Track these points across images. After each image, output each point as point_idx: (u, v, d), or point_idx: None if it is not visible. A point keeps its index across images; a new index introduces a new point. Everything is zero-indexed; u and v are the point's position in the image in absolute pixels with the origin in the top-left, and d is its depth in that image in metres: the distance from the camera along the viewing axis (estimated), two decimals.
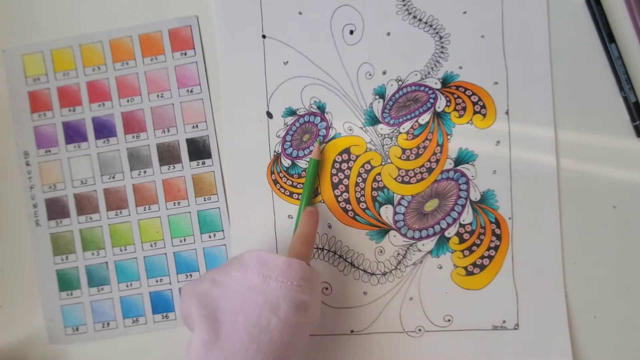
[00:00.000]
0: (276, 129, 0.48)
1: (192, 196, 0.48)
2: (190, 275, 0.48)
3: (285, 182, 0.47)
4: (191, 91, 0.49)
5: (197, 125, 0.48)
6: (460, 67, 0.47)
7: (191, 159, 0.48)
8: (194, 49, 0.49)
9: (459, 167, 0.46)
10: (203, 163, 0.48)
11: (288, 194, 0.47)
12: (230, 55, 0.48)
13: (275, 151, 0.48)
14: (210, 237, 0.48)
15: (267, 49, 0.48)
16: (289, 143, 0.48)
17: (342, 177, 0.47)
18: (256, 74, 0.48)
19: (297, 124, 0.48)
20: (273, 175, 0.48)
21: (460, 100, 0.46)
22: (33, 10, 0.50)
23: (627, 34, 0.45)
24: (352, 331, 0.46)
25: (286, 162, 0.48)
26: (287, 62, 0.48)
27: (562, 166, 0.46)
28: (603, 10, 0.45)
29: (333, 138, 0.47)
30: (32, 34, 0.50)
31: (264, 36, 0.48)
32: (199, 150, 0.48)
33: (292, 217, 0.47)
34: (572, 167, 0.46)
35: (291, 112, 0.48)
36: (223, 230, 0.48)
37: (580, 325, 0.45)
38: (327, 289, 0.47)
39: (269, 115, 0.48)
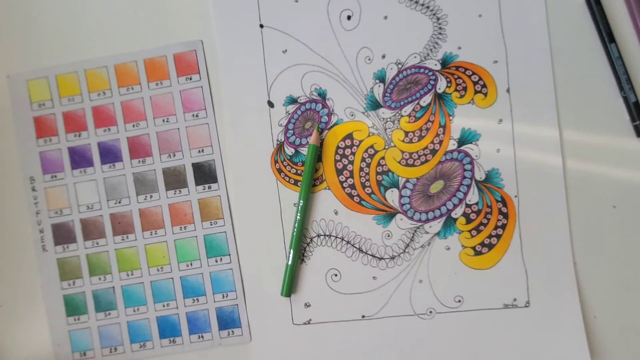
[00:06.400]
0: (278, 117, 0.48)
1: (198, 220, 0.48)
2: (197, 299, 0.48)
3: (289, 171, 0.47)
4: (196, 115, 0.48)
5: (202, 150, 0.48)
6: (459, 48, 0.46)
7: (197, 183, 0.48)
8: (199, 73, 0.48)
9: (462, 148, 0.46)
10: (209, 187, 0.48)
11: (293, 182, 0.47)
12: (228, 46, 0.48)
13: (278, 140, 0.48)
14: (216, 261, 0.48)
15: (265, 38, 0.48)
16: (291, 131, 0.48)
17: (346, 162, 0.47)
18: (256, 64, 0.48)
19: (299, 112, 0.48)
20: (277, 164, 0.47)
21: (461, 81, 0.46)
22: (37, 36, 0.49)
23: (627, 34, 0.45)
24: (363, 316, 0.46)
25: (289, 151, 0.47)
26: (285, 50, 0.48)
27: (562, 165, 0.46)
28: (603, 10, 0.45)
29: (335, 124, 0.47)
30: (36, 60, 0.49)
31: (261, 25, 0.48)
32: (204, 174, 0.48)
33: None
34: (572, 167, 0.45)
35: (292, 100, 0.48)
36: (230, 255, 0.48)
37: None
38: (336, 275, 0.47)
39: (270, 104, 0.48)
